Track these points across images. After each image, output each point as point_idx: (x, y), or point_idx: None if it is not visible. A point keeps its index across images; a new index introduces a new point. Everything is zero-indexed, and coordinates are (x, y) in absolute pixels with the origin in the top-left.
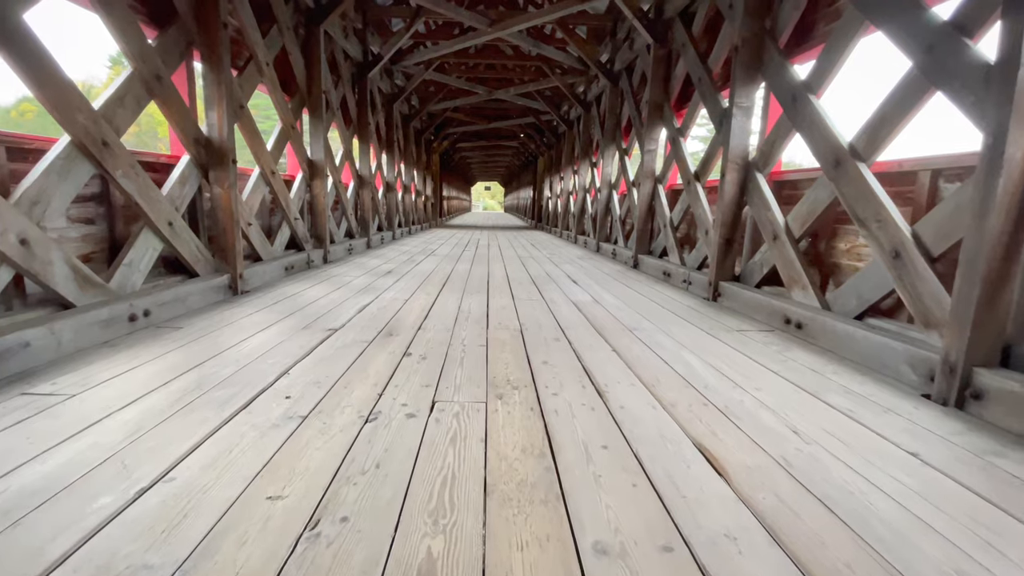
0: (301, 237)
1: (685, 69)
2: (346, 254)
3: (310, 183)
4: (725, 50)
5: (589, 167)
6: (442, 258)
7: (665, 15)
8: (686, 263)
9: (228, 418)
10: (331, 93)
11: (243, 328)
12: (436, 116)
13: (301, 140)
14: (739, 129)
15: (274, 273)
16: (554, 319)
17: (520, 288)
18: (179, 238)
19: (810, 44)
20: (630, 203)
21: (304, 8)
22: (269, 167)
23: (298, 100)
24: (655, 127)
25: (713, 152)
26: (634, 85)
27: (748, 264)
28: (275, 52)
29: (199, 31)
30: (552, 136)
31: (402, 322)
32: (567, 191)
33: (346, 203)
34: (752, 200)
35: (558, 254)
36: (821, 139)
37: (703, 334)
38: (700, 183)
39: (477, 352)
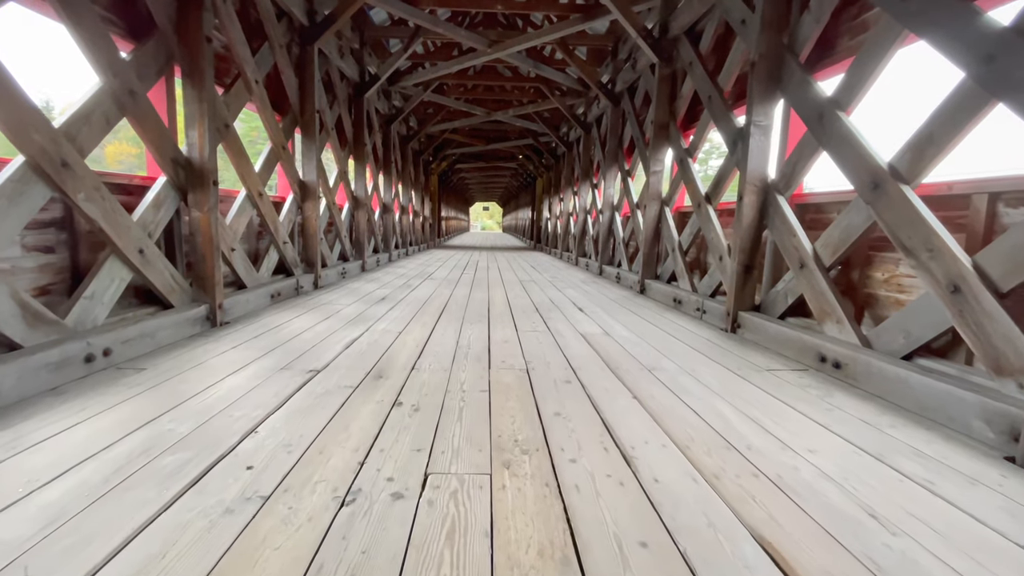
0: (290, 262)
1: (692, 88)
2: (339, 278)
3: (301, 205)
4: (737, 67)
5: (590, 188)
6: (440, 282)
7: (670, 33)
8: (698, 290)
9: (173, 499)
10: (326, 113)
11: (214, 370)
12: (435, 137)
13: (292, 161)
14: (757, 149)
15: (259, 302)
16: (563, 355)
17: (523, 317)
18: (151, 267)
19: (833, 59)
20: (634, 225)
21: (298, 26)
22: (256, 189)
23: (290, 120)
24: (661, 148)
25: (726, 173)
26: (636, 105)
27: (770, 293)
28: (266, 70)
29: (180, 45)
30: (551, 157)
31: (394, 361)
32: (567, 212)
33: (340, 225)
34: (773, 224)
35: (560, 277)
36: (854, 159)
37: (731, 375)
38: (712, 205)
39: (478, 400)
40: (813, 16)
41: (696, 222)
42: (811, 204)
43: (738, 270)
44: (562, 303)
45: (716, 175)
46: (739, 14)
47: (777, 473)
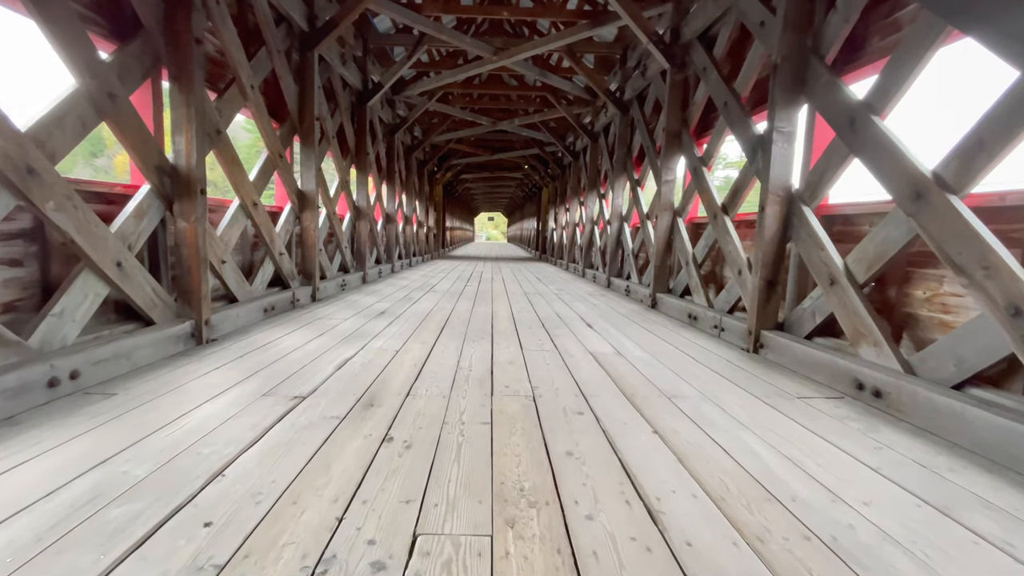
0: (287, 274)
1: (706, 94)
2: (338, 290)
3: (299, 215)
4: (755, 72)
5: (597, 198)
6: (442, 295)
7: (682, 39)
8: (714, 305)
9: (108, 569)
10: (327, 121)
11: (191, 395)
12: (439, 147)
13: (290, 169)
14: (780, 157)
15: (250, 316)
16: (572, 379)
17: (528, 333)
18: (130, 281)
19: (863, 60)
20: (644, 237)
21: (298, 32)
22: (250, 198)
23: (288, 127)
24: (672, 156)
25: (744, 182)
26: (646, 113)
27: (796, 311)
28: (263, 75)
29: (168, 46)
30: (557, 167)
31: (388, 384)
32: (573, 223)
33: (340, 236)
34: (799, 237)
35: (567, 290)
36: (892, 167)
37: (758, 403)
38: (729, 216)
39: (479, 435)
40: (841, 15)
41: (712, 234)
42: (839, 215)
43: (760, 286)
44: (569, 318)
45: (733, 184)
46: (757, 16)
47: (831, 534)
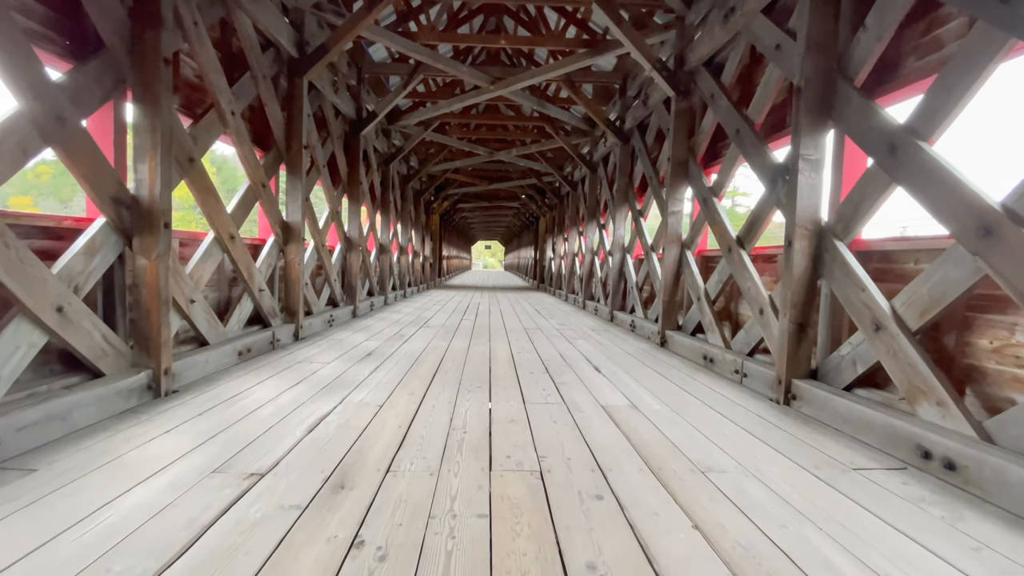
0: (267, 311)
1: (715, 122)
2: (325, 327)
3: (283, 248)
4: (770, 98)
5: (597, 229)
6: (437, 331)
7: (687, 66)
8: (732, 346)
9: None
10: (317, 150)
11: (126, 471)
12: (436, 177)
13: (274, 200)
14: (808, 187)
15: (222, 361)
16: (585, 444)
17: (531, 380)
18: (73, 327)
19: (896, 83)
20: (648, 269)
21: (287, 58)
22: (227, 231)
23: (274, 156)
24: (679, 186)
25: (761, 214)
26: (648, 143)
27: (832, 358)
28: (247, 102)
29: (133, 66)
30: (554, 197)
31: (365, 455)
32: (572, 253)
33: (329, 269)
34: (832, 276)
35: (568, 324)
36: (949, 198)
37: (810, 478)
38: (745, 250)
39: (474, 537)
40: (871, 34)
41: (726, 268)
42: (875, 252)
43: (790, 329)
44: (574, 359)
45: (749, 216)
46: (771, 39)
47: None
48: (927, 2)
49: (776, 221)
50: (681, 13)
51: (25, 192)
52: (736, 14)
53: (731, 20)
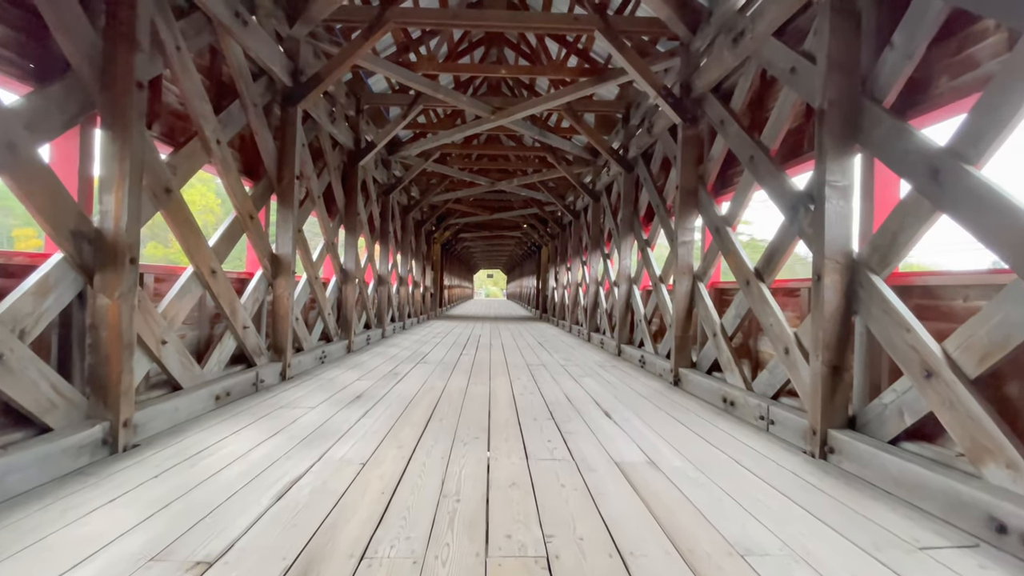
0: (252, 350)
1: (725, 148)
2: (316, 364)
3: (272, 282)
4: (785, 122)
5: (601, 258)
6: (434, 367)
7: (694, 92)
8: (754, 388)
9: None
10: (312, 180)
11: (51, 556)
12: (437, 207)
13: (263, 232)
14: (836, 216)
15: (195, 407)
16: (600, 520)
17: (534, 429)
18: (13, 377)
19: (927, 104)
20: (658, 301)
21: (280, 87)
22: (208, 265)
23: (264, 186)
24: (689, 215)
25: (781, 245)
26: (653, 172)
27: (873, 407)
28: (235, 130)
29: (103, 90)
30: (556, 226)
31: (338, 534)
32: (575, 283)
33: (323, 303)
34: (869, 313)
35: (573, 359)
36: (1007, 227)
37: (875, 565)
38: (765, 283)
39: None
40: (900, 52)
41: (744, 302)
42: (917, 287)
43: (823, 372)
44: (582, 402)
45: (768, 247)
46: (785, 62)
47: None
48: (960, 19)
49: (799, 253)
50: (686, 40)
51: (30, 222)
52: (746, 38)
53: (740, 44)
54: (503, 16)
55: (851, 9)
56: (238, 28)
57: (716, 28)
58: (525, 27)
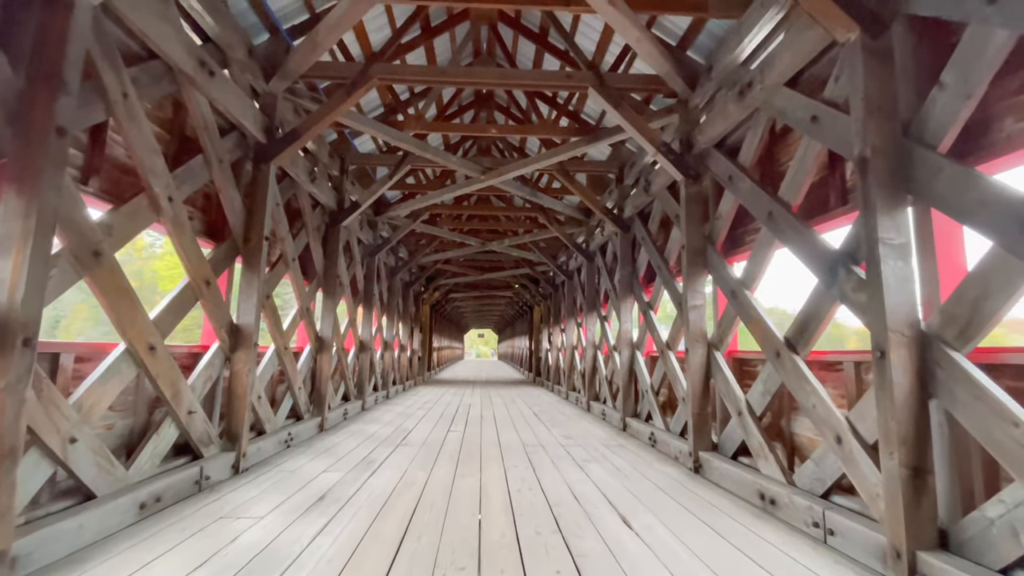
0: (198, 439)
1: (734, 205)
2: (280, 449)
3: (230, 356)
4: (808, 175)
5: (598, 320)
6: (416, 451)
7: (696, 148)
8: (797, 482)
9: None
10: (286, 242)
11: None
12: (426, 267)
13: (221, 300)
14: (896, 279)
15: (108, 522)
16: None
17: (538, 553)
18: None
19: (991, 150)
20: (666, 370)
21: (254, 143)
22: (145, 341)
23: (228, 248)
24: (698, 277)
25: (817, 311)
26: (652, 231)
27: (971, 521)
28: (195, 187)
29: (15, 136)
30: (549, 286)
31: None
32: (570, 345)
33: (293, 376)
34: (953, 399)
35: (574, 435)
36: None
37: None
38: (799, 355)
39: None
40: (953, 92)
41: (774, 377)
42: (1010, 365)
43: (902, 476)
44: (592, 502)
45: (801, 314)
46: (804, 112)
47: None
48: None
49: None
50: (684, 96)
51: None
52: (754, 89)
53: (748, 96)
54: (493, 74)
55: (885, 49)
56: (203, 79)
57: (717, 83)
58: (516, 84)
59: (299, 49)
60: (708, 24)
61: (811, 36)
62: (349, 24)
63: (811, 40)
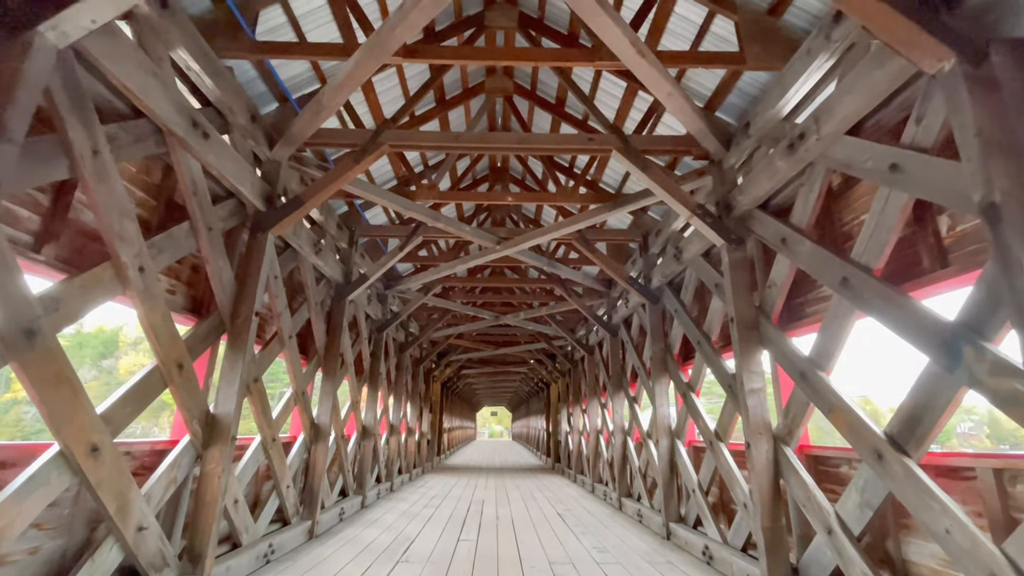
0: (148, 562)
1: (790, 272)
2: (257, 566)
3: (202, 453)
4: (891, 233)
5: (625, 401)
6: (419, 571)
7: (736, 210)
8: None
9: None
10: (283, 317)
11: None
12: (438, 343)
13: (195, 387)
14: None
15: None
16: None
17: None
18: None
19: None
20: (717, 464)
21: (252, 211)
22: (86, 441)
23: (211, 325)
24: (752, 354)
25: (930, 400)
26: (686, 302)
27: None
28: (177, 256)
29: None
30: (567, 361)
31: None
32: (594, 429)
33: (280, 473)
34: None
35: (608, 545)
36: None
37: None
38: (911, 457)
39: None
40: None
41: (874, 484)
42: None
43: None
44: None
45: (907, 404)
46: (878, 160)
47: None
48: None
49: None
50: (718, 156)
51: None
52: (807, 141)
53: (800, 149)
54: (510, 139)
55: (989, 77)
56: (195, 141)
57: (756, 140)
58: (534, 149)
59: (304, 113)
60: (739, 83)
61: (880, 76)
62: (355, 84)
63: (881, 79)
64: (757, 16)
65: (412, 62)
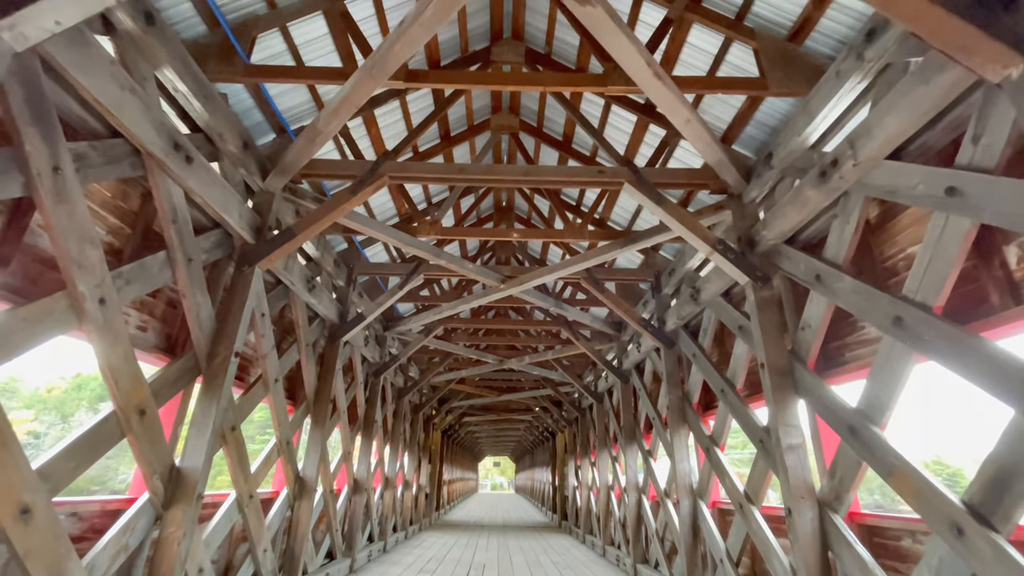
0: None
1: (828, 311)
2: None
3: (162, 514)
4: (951, 267)
5: (639, 455)
6: None
7: (760, 246)
8: None
9: None
10: (269, 359)
11: None
12: (438, 388)
13: (160, 436)
14: None
15: None
16: None
17: None
18: None
19: None
20: (749, 532)
21: (239, 243)
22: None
23: (183, 367)
24: (787, 405)
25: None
26: (704, 346)
27: None
28: (149, 288)
29: None
30: (574, 409)
31: None
32: (605, 485)
33: (256, 536)
34: None
35: None
36: None
37: None
38: (999, 532)
39: None
40: None
41: (952, 564)
42: None
43: None
44: None
45: (991, 461)
46: (931, 185)
47: None
48: None
49: None
50: (737, 190)
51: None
52: (842, 168)
53: (834, 178)
54: (517, 171)
55: None
56: (176, 164)
57: (779, 171)
58: (542, 182)
59: (299, 139)
60: (757, 113)
61: (925, 93)
62: (352, 108)
63: (927, 97)
64: (777, 43)
65: (413, 86)
